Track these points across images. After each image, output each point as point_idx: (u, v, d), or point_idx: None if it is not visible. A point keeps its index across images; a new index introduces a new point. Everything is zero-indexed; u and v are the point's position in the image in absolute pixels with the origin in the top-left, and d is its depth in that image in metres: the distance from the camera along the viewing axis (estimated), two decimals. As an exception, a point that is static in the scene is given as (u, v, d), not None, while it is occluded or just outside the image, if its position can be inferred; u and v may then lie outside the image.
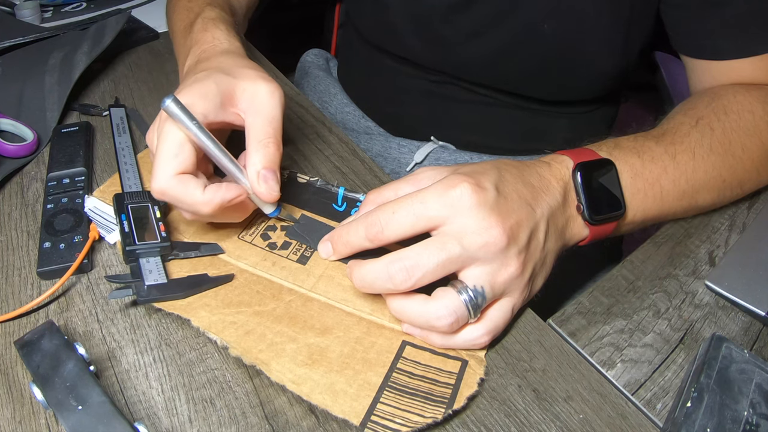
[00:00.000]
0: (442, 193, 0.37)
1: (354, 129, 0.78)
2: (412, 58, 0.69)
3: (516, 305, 0.40)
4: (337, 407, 0.35)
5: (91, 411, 0.32)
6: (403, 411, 0.36)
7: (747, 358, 0.38)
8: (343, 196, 0.50)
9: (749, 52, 0.52)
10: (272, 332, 0.40)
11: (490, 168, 0.40)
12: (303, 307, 0.42)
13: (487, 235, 0.36)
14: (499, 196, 0.38)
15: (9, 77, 0.63)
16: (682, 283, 0.47)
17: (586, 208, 0.42)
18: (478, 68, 0.65)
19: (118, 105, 0.61)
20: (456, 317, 0.37)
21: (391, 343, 0.39)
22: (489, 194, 0.37)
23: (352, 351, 0.39)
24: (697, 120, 0.49)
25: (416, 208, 0.37)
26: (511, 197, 0.38)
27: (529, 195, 0.40)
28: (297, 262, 0.45)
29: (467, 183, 0.37)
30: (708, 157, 0.48)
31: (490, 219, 0.36)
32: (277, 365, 0.38)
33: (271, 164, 0.42)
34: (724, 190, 0.50)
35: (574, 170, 0.43)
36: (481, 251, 0.36)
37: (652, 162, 0.46)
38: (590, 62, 0.60)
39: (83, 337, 0.40)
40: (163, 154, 0.39)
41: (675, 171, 0.47)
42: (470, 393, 0.37)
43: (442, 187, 0.37)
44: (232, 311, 0.41)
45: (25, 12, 0.78)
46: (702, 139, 0.48)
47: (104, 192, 0.50)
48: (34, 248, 0.46)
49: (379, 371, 0.38)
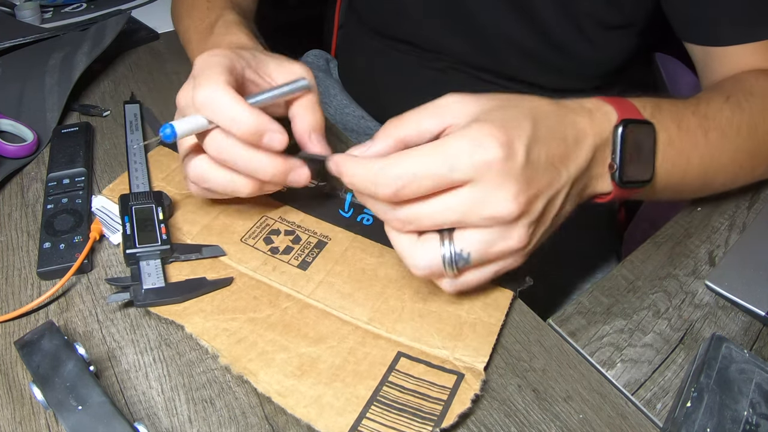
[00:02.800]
0: (471, 155, 0.33)
1: (354, 129, 0.78)
2: (420, 42, 0.69)
3: (501, 270, 0.38)
4: (321, 422, 0.35)
5: (91, 411, 0.32)
6: (389, 428, 0.35)
7: (747, 358, 0.38)
8: (350, 203, 0.50)
9: (753, 37, 0.52)
10: (264, 340, 0.39)
11: (525, 118, 0.36)
12: (299, 314, 0.41)
13: (500, 207, 0.34)
14: (527, 164, 0.34)
15: (9, 77, 0.63)
16: (682, 283, 0.47)
17: (618, 169, 0.40)
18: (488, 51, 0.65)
19: (134, 101, 0.61)
20: (430, 271, 0.36)
21: (385, 354, 0.39)
22: (517, 161, 0.34)
23: (344, 362, 0.38)
24: (727, 96, 0.49)
25: (441, 171, 0.33)
26: (539, 162, 0.35)
27: (559, 155, 0.37)
28: (298, 267, 0.45)
29: (498, 148, 0.33)
30: (735, 139, 0.47)
31: (510, 190, 0.34)
32: (265, 375, 0.37)
33: (320, 128, 0.45)
34: (737, 175, 0.50)
35: (616, 126, 0.40)
36: (486, 221, 0.35)
37: (687, 133, 0.45)
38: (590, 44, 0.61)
39: (83, 337, 0.40)
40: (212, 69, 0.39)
41: (705, 148, 0.46)
42: (462, 410, 0.35)
43: (471, 147, 0.33)
44: (227, 318, 0.41)
45: (26, 12, 0.78)
46: (732, 118, 0.47)
47: (113, 190, 0.50)
48: (34, 248, 0.46)
49: (369, 384, 0.37)
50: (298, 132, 0.45)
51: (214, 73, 0.39)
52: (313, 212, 0.49)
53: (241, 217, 0.48)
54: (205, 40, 0.55)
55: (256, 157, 0.40)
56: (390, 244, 0.38)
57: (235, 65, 0.42)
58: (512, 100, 0.37)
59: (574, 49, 0.62)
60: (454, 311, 0.42)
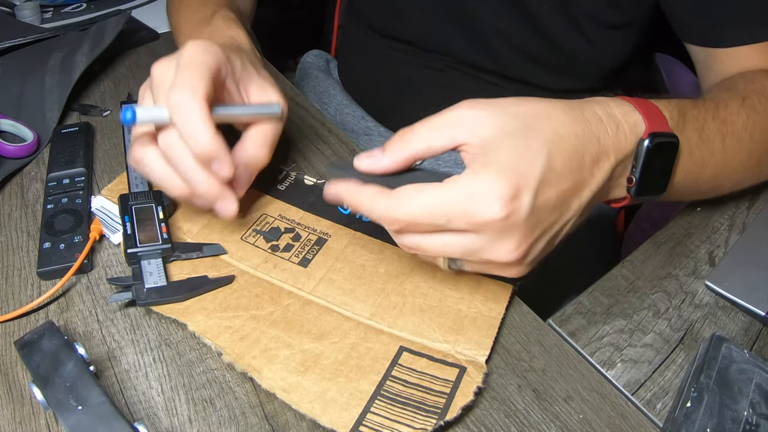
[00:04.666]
0: (470, 215, 0.33)
1: (353, 130, 0.78)
2: (420, 42, 0.69)
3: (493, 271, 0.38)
4: (326, 417, 0.35)
5: (91, 411, 0.32)
6: (393, 421, 0.35)
7: (747, 358, 0.38)
8: None
9: (756, 38, 0.52)
10: (267, 337, 0.39)
11: (540, 153, 0.34)
12: (301, 311, 0.41)
13: (500, 255, 0.34)
14: (532, 213, 0.33)
15: (9, 77, 0.63)
16: (682, 283, 0.47)
17: (636, 184, 0.39)
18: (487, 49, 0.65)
19: (131, 101, 0.61)
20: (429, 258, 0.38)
21: (387, 349, 0.39)
22: (521, 213, 0.33)
23: (347, 358, 0.38)
24: (743, 98, 0.48)
25: (440, 222, 0.34)
26: (547, 204, 0.34)
27: (573, 187, 0.35)
28: (298, 264, 0.45)
29: (500, 208, 0.32)
30: (748, 143, 0.47)
31: (511, 243, 0.34)
32: (269, 372, 0.37)
33: (255, 167, 0.44)
34: (744, 178, 0.50)
35: (643, 139, 0.38)
36: (486, 262, 0.36)
37: (706, 143, 0.45)
38: (589, 44, 0.61)
39: (83, 337, 0.40)
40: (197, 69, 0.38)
41: (720, 155, 0.46)
42: (465, 403, 0.36)
43: (471, 205, 0.33)
44: (229, 315, 0.41)
45: (25, 12, 0.78)
46: (748, 122, 0.47)
47: (112, 190, 0.50)
48: (34, 248, 0.46)
49: (372, 379, 0.37)
50: (235, 156, 0.43)
51: (197, 77, 0.38)
52: (313, 210, 0.49)
53: (241, 216, 0.48)
54: (200, 30, 0.54)
55: (198, 172, 0.40)
56: (390, 241, 0.39)
57: (220, 70, 0.41)
58: (532, 121, 0.35)
59: (574, 49, 0.62)
60: (454, 306, 0.42)
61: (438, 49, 0.69)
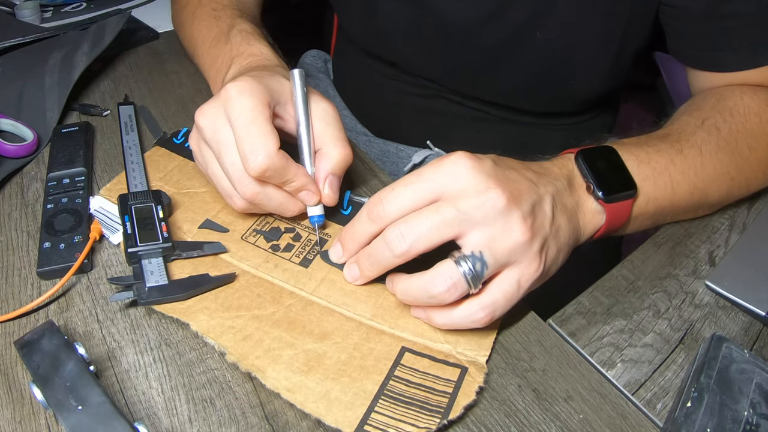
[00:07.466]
0: (438, 165, 0.37)
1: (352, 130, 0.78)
2: (402, 65, 0.68)
3: (523, 279, 0.37)
4: (331, 416, 0.35)
5: (91, 411, 0.32)
6: (397, 421, 0.35)
7: (747, 358, 0.38)
8: (348, 200, 0.50)
9: (753, 63, 0.52)
10: (270, 337, 0.39)
11: (490, 155, 0.40)
12: (303, 311, 0.41)
13: (484, 197, 0.36)
14: (497, 167, 0.38)
15: (9, 77, 0.63)
16: (682, 283, 0.47)
17: (595, 186, 0.42)
18: (469, 76, 0.64)
19: (128, 102, 0.61)
20: (453, 283, 0.36)
21: (390, 350, 0.39)
22: (486, 163, 0.38)
23: (350, 358, 0.39)
24: (702, 120, 0.49)
25: (412, 179, 0.38)
26: (510, 172, 0.39)
27: (531, 175, 0.40)
28: (299, 264, 0.45)
29: (463, 153, 0.37)
30: (716, 153, 0.48)
31: (488, 182, 0.36)
32: (273, 372, 0.37)
33: (338, 169, 0.45)
34: (732, 188, 0.50)
35: (576, 156, 0.43)
36: (478, 212, 0.36)
37: (657, 154, 0.46)
38: (583, 73, 0.60)
39: (83, 337, 0.40)
40: (259, 130, 0.40)
41: (683, 163, 0.46)
42: (467, 402, 0.36)
43: (438, 160, 0.38)
44: (231, 315, 0.41)
45: (25, 12, 0.78)
46: (709, 137, 0.48)
47: (110, 190, 0.50)
48: (34, 248, 0.46)
49: (375, 379, 0.37)
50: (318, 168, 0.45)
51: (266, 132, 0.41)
52: None
53: (241, 215, 0.48)
54: (218, 47, 0.54)
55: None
56: None
57: (269, 105, 0.43)
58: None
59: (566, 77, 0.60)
60: None
61: (419, 73, 0.67)
